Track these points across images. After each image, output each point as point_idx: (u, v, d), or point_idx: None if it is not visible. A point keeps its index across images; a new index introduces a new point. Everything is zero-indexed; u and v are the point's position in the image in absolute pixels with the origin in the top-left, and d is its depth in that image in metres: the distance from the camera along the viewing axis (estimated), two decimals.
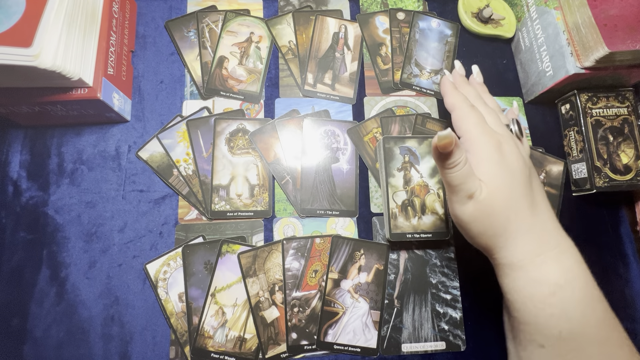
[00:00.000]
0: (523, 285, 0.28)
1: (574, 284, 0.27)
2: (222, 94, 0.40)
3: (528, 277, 0.27)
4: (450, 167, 0.27)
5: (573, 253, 0.28)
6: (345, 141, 0.40)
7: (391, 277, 0.37)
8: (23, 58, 0.27)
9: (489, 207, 0.27)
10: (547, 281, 0.27)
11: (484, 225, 0.28)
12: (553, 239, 0.28)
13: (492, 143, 0.28)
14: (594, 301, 0.27)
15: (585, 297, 0.27)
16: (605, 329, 0.27)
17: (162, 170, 0.38)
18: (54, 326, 0.34)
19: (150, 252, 0.36)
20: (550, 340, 0.27)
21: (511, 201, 0.27)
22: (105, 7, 0.35)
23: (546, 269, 0.27)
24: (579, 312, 0.26)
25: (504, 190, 0.27)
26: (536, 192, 0.29)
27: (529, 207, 0.28)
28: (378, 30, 0.44)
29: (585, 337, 0.26)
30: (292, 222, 0.38)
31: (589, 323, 0.26)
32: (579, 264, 0.28)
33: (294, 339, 0.35)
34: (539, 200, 0.29)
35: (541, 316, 0.27)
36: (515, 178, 0.28)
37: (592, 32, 0.34)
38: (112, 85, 0.35)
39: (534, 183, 0.29)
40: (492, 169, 0.28)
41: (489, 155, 0.28)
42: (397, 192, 0.36)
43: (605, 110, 0.39)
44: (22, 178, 0.37)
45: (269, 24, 0.43)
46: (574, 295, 0.27)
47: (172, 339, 0.34)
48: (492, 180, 0.27)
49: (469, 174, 0.27)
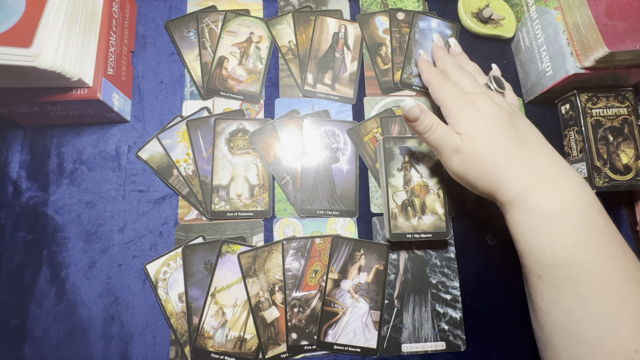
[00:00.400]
0: (521, 217, 0.28)
1: (571, 211, 0.26)
2: (222, 94, 0.40)
3: (525, 208, 0.28)
4: (425, 131, 0.31)
5: (574, 181, 0.28)
6: (345, 141, 0.40)
7: (391, 277, 0.37)
8: (23, 58, 0.27)
9: (474, 153, 0.29)
10: (543, 210, 0.27)
11: (476, 171, 0.30)
12: (550, 168, 0.29)
13: (465, 102, 0.31)
14: (593, 229, 0.26)
15: (583, 224, 0.26)
16: (606, 258, 0.26)
17: (162, 170, 0.38)
18: (54, 326, 0.34)
19: (150, 252, 0.36)
20: (546, 270, 0.27)
21: (494, 143, 0.29)
22: (105, 7, 0.35)
23: (542, 198, 0.27)
24: (573, 239, 0.26)
25: (484, 136, 0.29)
26: (523, 131, 0.30)
27: (515, 145, 0.29)
28: (378, 30, 0.44)
29: (579, 265, 0.26)
30: (292, 222, 0.38)
31: (584, 251, 0.26)
32: (580, 191, 0.27)
33: (294, 339, 0.35)
34: (528, 136, 0.30)
35: (536, 245, 0.27)
36: (494, 124, 0.30)
37: (592, 32, 0.34)
38: (112, 85, 0.35)
39: (520, 124, 0.31)
40: (469, 122, 0.30)
41: (463, 112, 0.31)
42: (397, 192, 0.36)
43: (605, 110, 0.39)
44: (22, 178, 0.37)
45: (268, 24, 0.43)
46: (568, 222, 0.26)
47: (172, 339, 0.34)
48: (470, 131, 0.30)
49: (446, 131, 0.31)
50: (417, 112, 0.30)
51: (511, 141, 0.29)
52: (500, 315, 0.37)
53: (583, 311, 0.25)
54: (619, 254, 0.26)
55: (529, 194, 0.28)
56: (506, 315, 0.37)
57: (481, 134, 0.30)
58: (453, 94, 0.32)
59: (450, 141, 0.30)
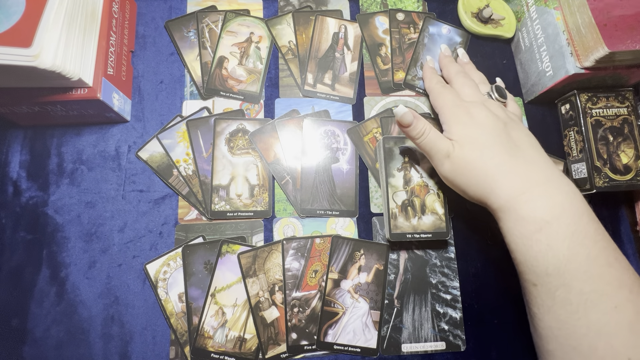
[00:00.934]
0: (513, 224, 0.28)
1: (562, 219, 0.26)
2: (222, 94, 0.40)
3: (517, 215, 0.28)
4: (418, 136, 0.32)
5: (564, 188, 0.28)
6: (345, 141, 0.40)
7: (391, 277, 0.37)
8: (23, 58, 0.27)
9: (464, 159, 0.30)
10: (534, 218, 0.27)
11: (466, 177, 0.30)
12: (540, 175, 0.29)
13: (460, 110, 0.32)
14: (585, 237, 0.26)
15: (575, 232, 0.26)
16: (598, 266, 0.26)
17: (162, 170, 0.38)
18: (54, 326, 0.34)
19: (150, 252, 0.36)
20: (540, 278, 0.27)
21: (484, 151, 0.30)
22: (105, 7, 0.35)
23: (532, 206, 0.27)
24: (565, 248, 0.26)
25: (475, 143, 0.30)
26: (517, 139, 0.31)
27: (507, 152, 0.29)
28: (378, 30, 0.44)
29: (572, 273, 0.26)
30: (292, 222, 0.38)
31: (577, 259, 0.26)
32: (571, 199, 0.27)
33: (294, 339, 0.35)
34: (522, 144, 0.30)
35: (529, 253, 0.27)
36: (486, 131, 0.30)
37: (592, 32, 0.34)
38: (112, 85, 0.35)
39: (514, 133, 0.31)
40: (461, 129, 0.31)
41: (457, 119, 0.32)
42: (397, 192, 0.36)
43: (605, 110, 0.39)
44: (21, 178, 0.37)
45: (269, 24, 0.43)
46: (560, 231, 0.26)
47: (172, 339, 0.34)
48: (462, 137, 0.31)
49: (437, 137, 0.32)
50: (410, 118, 0.31)
51: (502, 148, 0.29)
52: (500, 315, 0.37)
53: (576, 319, 0.25)
54: (611, 262, 0.26)
55: (519, 201, 0.28)
56: (506, 315, 0.37)
57: (472, 140, 0.30)
58: (450, 102, 0.33)
59: (442, 146, 0.31)
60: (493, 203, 0.29)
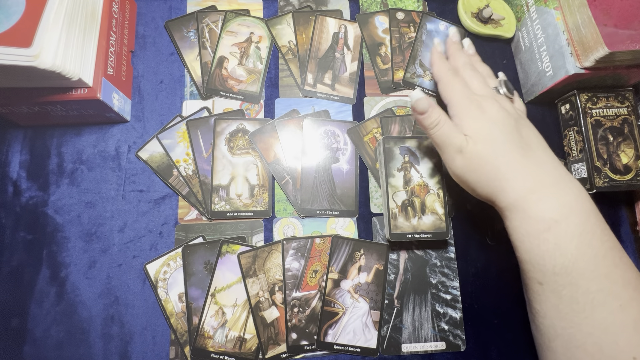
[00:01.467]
0: (520, 223, 0.28)
1: (570, 219, 0.27)
2: (222, 94, 0.40)
3: (525, 215, 0.28)
4: (432, 126, 0.30)
5: (573, 189, 0.28)
6: (345, 141, 0.40)
7: (391, 277, 0.37)
8: (23, 58, 0.27)
9: (477, 156, 0.29)
10: (543, 217, 0.27)
11: (477, 173, 0.30)
12: (550, 176, 0.29)
13: (472, 103, 0.31)
14: (593, 237, 0.26)
15: (583, 232, 0.26)
16: (605, 266, 0.26)
17: (162, 170, 0.38)
18: (54, 326, 0.34)
19: (150, 252, 0.36)
20: (547, 276, 0.27)
21: (497, 147, 0.29)
22: (105, 7, 0.35)
23: (542, 205, 0.27)
24: (573, 247, 0.26)
25: (488, 139, 0.29)
26: (527, 137, 0.30)
27: (518, 151, 0.29)
28: (377, 30, 0.44)
29: (579, 272, 0.26)
30: (292, 222, 0.38)
31: (584, 258, 0.26)
32: (580, 199, 0.28)
33: (294, 339, 0.35)
34: (532, 143, 0.30)
35: (536, 252, 0.27)
36: (498, 127, 0.29)
37: (592, 32, 0.34)
38: (111, 85, 0.35)
39: (524, 130, 0.31)
40: (474, 123, 0.30)
41: (470, 113, 0.30)
42: (397, 192, 0.36)
43: (605, 110, 0.39)
44: (21, 178, 0.37)
45: (268, 24, 0.43)
46: (569, 230, 0.26)
47: (172, 339, 0.34)
48: (475, 133, 0.29)
49: (451, 130, 0.30)
50: (426, 105, 0.30)
51: (514, 146, 0.29)
52: (500, 315, 0.37)
53: (582, 318, 0.26)
54: (617, 262, 0.26)
55: (529, 201, 0.28)
56: (506, 315, 0.37)
57: (485, 136, 0.29)
58: (461, 94, 0.31)
59: (455, 140, 0.30)
60: (501, 201, 0.29)
